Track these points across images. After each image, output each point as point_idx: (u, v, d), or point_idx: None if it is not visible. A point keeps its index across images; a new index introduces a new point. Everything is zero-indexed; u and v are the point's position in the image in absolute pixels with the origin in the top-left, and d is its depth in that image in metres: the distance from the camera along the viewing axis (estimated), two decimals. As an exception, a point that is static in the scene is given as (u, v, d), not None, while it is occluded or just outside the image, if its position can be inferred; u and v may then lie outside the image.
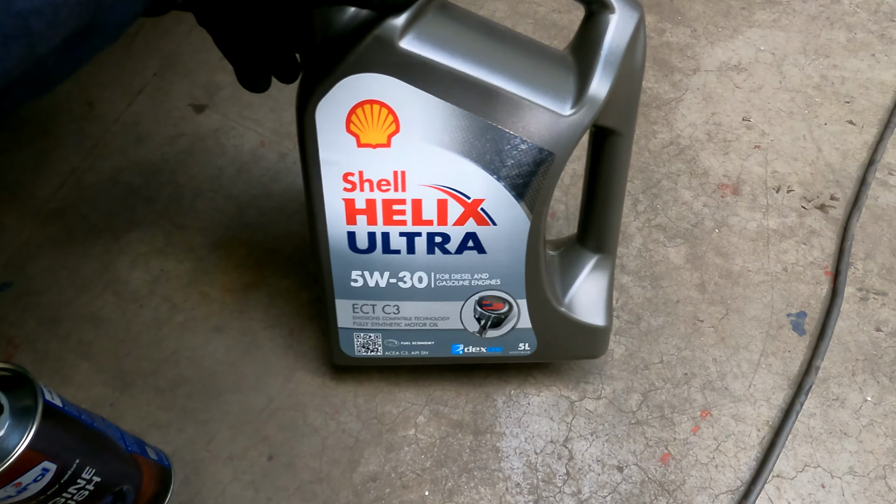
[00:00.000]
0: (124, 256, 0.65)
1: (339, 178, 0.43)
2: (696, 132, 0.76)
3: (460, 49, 0.39)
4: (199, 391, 0.57)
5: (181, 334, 0.60)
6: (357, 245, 0.46)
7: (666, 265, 0.65)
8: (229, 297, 0.62)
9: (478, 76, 0.39)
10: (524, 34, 0.44)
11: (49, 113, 0.75)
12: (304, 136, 0.41)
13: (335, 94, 0.39)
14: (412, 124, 0.41)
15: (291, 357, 0.59)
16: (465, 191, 0.43)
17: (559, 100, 0.41)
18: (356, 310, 0.50)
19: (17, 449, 0.34)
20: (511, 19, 0.86)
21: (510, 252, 0.46)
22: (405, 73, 0.39)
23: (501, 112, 0.40)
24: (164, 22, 0.84)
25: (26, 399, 0.36)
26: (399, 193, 0.43)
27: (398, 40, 0.37)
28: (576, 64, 0.42)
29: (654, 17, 0.87)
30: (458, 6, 0.42)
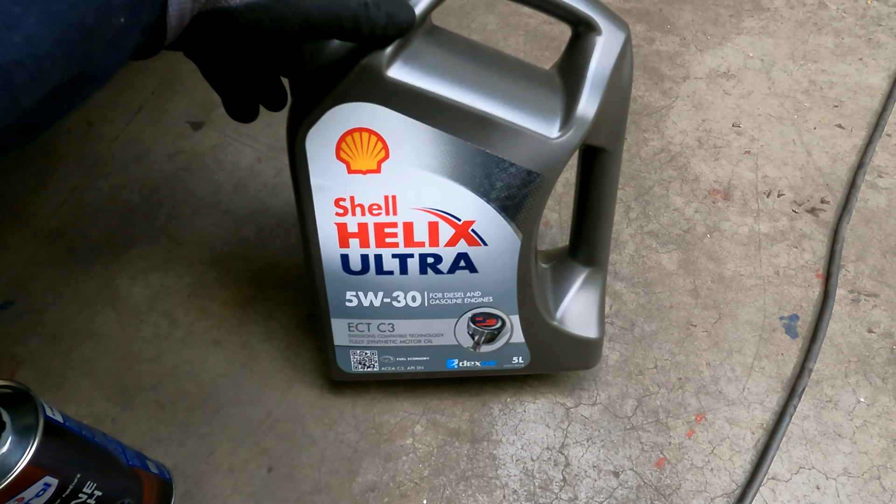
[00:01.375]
0: (124, 273, 0.66)
1: (331, 203, 0.44)
2: (687, 139, 0.77)
3: (448, 76, 0.39)
4: (199, 405, 0.58)
5: (181, 349, 0.61)
6: (350, 267, 0.47)
7: (659, 271, 0.66)
8: (228, 312, 0.63)
9: (465, 103, 0.40)
10: (511, 55, 0.45)
11: (49, 133, 0.76)
12: (296, 162, 0.42)
13: (325, 123, 0.40)
14: (402, 150, 0.41)
15: (290, 369, 0.60)
16: (455, 213, 0.44)
17: (547, 123, 0.41)
18: (352, 328, 0.51)
19: (19, 465, 0.35)
20: (503, 31, 0.88)
21: (502, 270, 0.47)
22: (393, 102, 0.39)
23: (490, 137, 0.41)
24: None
25: (28, 416, 0.37)
26: (390, 217, 0.44)
27: (385, 70, 0.38)
28: (563, 84, 0.43)
29: (643, 26, 0.89)
30: (445, 30, 0.43)
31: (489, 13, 0.90)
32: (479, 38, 0.86)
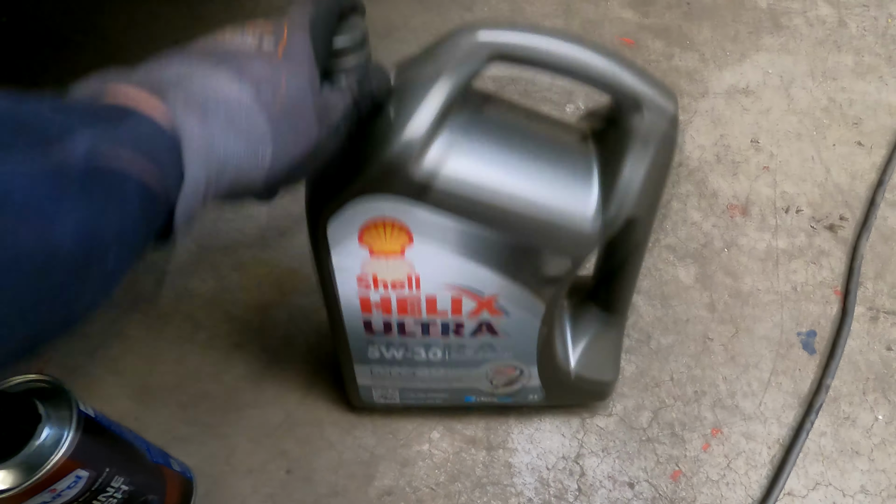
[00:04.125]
0: (150, 276, 0.67)
1: (353, 280, 0.43)
2: (705, 154, 0.77)
3: (477, 173, 0.37)
4: (220, 406, 0.59)
5: (204, 351, 0.62)
6: (373, 329, 0.47)
7: (676, 285, 0.66)
8: (250, 316, 0.65)
9: (494, 200, 0.38)
10: (545, 117, 0.42)
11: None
12: (317, 244, 0.41)
13: (347, 213, 0.38)
14: (426, 237, 0.39)
15: (309, 374, 0.61)
16: (479, 288, 0.43)
17: (580, 215, 0.39)
18: (374, 372, 0.51)
19: (54, 457, 0.36)
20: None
21: (523, 334, 0.47)
22: (419, 197, 0.37)
23: (520, 230, 0.39)
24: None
25: (63, 409, 0.38)
26: (413, 292, 0.43)
27: (412, 170, 0.36)
28: (600, 164, 0.40)
29: (662, 42, 0.90)
30: (474, 105, 0.39)
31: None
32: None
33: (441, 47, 0.36)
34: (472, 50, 0.35)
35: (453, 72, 0.35)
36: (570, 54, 0.36)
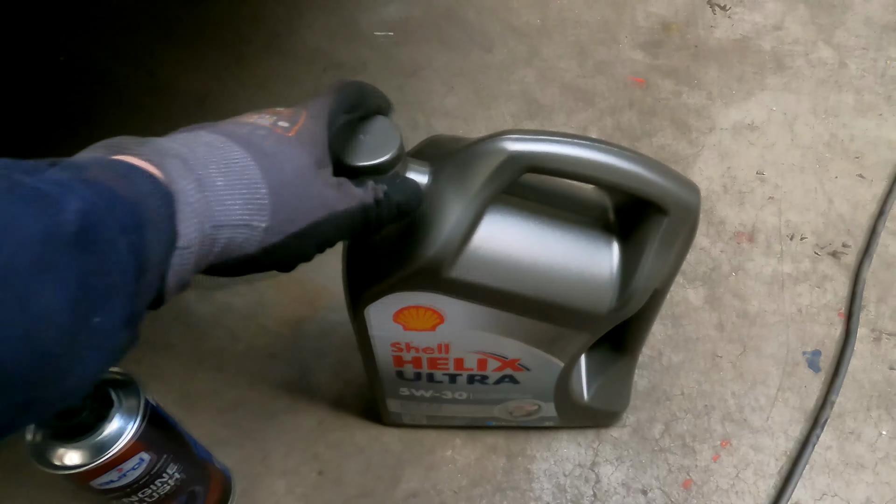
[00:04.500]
0: (191, 292, 0.72)
1: (388, 345, 0.47)
2: (713, 185, 0.82)
3: (505, 268, 0.40)
4: (256, 412, 0.63)
5: (241, 361, 0.67)
6: (405, 377, 0.51)
7: (685, 306, 0.70)
8: (284, 329, 0.69)
9: (521, 292, 0.41)
10: (571, 199, 0.44)
11: (130, 165, 0.85)
12: (356, 320, 0.45)
13: (383, 301, 0.42)
14: (457, 319, 0.43)
15: (340, 383, 0.65)
16: (503, 354, 0.47)
17: (600, 299, 0.42)
18: (403, 404, 0.56)
19: (123, 439, 0.40)
20: (539, 84, 0.95)
21: (542, 382, 0.51)
22: (450, 292, 0.41)
23: (543, 314, 0.43)
24: (232, 85, 0.95)
25: (132, 399, 0.42)
26: (442, 355, 0.47)
27: (444, 271, 0.39)
28: (621, 248, 0.42)
29: (671, 81, 0.95)
30: (504, 205, 0.41)
31: (527, 67, 0.98)
32: (518, 91, 0.94)
33: (474, 160, 0.38)
34: (504, 165, 0.37)
35: (485, 187, 0.37)
36: (599, 163, 0.38)
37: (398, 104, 0.96)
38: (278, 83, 0.95)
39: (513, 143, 0.37)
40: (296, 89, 0.94)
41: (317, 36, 1.03)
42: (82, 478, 0.40)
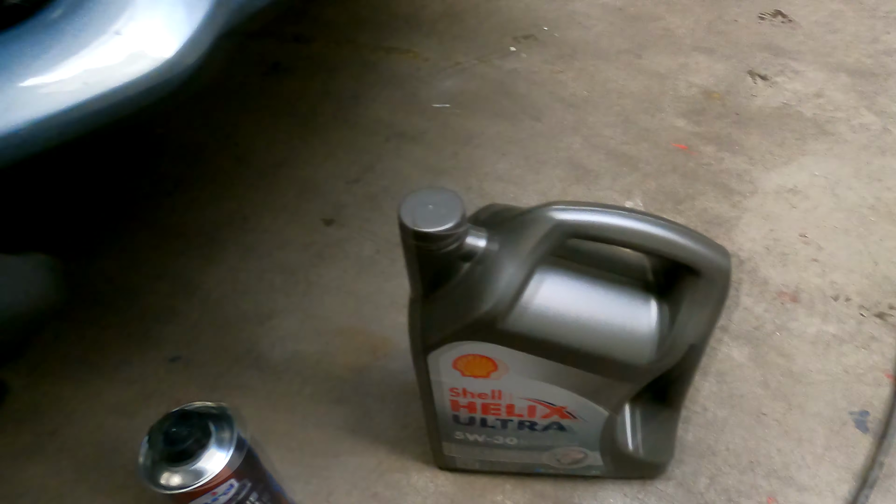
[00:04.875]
0: (266, 339, 0.80)
1: (447, 390, 0.52)
2: (756, 246, 0.85)
3: (554, 321, 0.45)
4: (322, 451, 0.68)
5: (309, 403, 0.73)
6: (460, 420, 0.56)
7: (729, 363, 0.72)
8: (349, 375, 0.75)
9: (569, 343, 0.45)
10: (616, 263, 0.49)
11: (214, 225, 0.95)
12: (420, 365, 0.51)
13: (446, 350, 0.47)
14: (510, 368, 0.48)
15: (399, 428, 0.70)
16: (552, 401, 0.52)
17: (641, 351, 0.46)
18: (458, 448, 0.60)
19: (218, 466, 0.47)
20: (586, 150, 1.01)
21: (589, 430, 0.55)
22: (504, 342, 0.45)
23: (591, 365, 0.47)
24: (304, 153, 1.05)
25: (226, 430, 0.49)
26: (495, 400, 0.52)
27: (499, 324, 0.44)
28: (660, 306, 0.47)
29: (713, 147, 1.00)
30: (552, 265, 0.46)
31: (574, 135, 1.04)
32: (566, 157, 1.00)
33: (525, 227, 0.44)
34: (551, 231, 0.43)
35: (535, 250, 0.43)
36: (636, 231, 0.43)
37: (454, 170, 1.05)
38: (345, 151, 1.05)
39: (559, 213, 0.44)
40: (361, 156, 1.04)
41: (380, 108, 1.13)
42: (183, 499, 0.46)
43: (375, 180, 0.99)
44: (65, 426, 0.73)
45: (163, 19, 0.34)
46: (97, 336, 0.81)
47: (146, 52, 0.34)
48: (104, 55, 0.33)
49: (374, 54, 1.27)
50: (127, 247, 0.92)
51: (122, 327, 0.82)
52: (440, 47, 1.27)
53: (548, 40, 1.27)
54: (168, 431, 0.46)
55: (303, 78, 1.22)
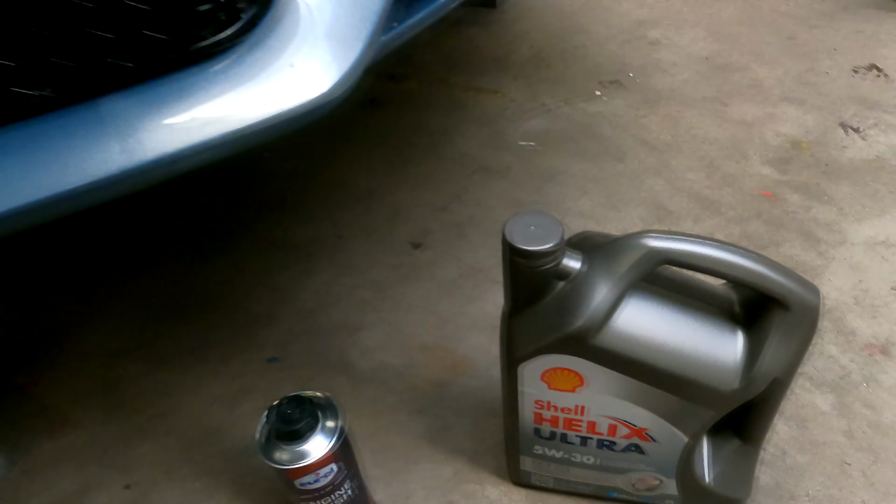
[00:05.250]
0: (355, 349, 0.86)
1: (532, 402, 0.55)
2: (843, 296, 0.84)
3: (642, 341, 0.47)
4: (402, 456, 0.72)
5: (392, 411, 0.77)
6: (541, 434, 0.59)
7: (812, 409, 0.71)
8: (429, 389, 0.79)
9: (656, 364, 0.48)
10: (700, 295, 0.51)
11: (312, 242, 1.03)
12: (509, 376, 0.53)
13: (535, 362, 0.51)
14: (595, 384, 0.51)
15: (475, 441, 0.73)
16: (633, 422, 0.54)
17: (726, 378, 0.48)
18: (535, 462, 0.63)
19: (325, 449, 0.52)
20: (668, 192, 1.04)
21: (666, 456, 0.57)
22: (593, 358, 0.48)
23: (675, 387, 0.49)
24: (396, 181, 1.13)
25: (332, 418, 0.54)
26: (578, 416, 0.55)
27: (590, 339, 0.47)
28: (745, 336, 0.49)
29: (800, 196, 1.00)
30: (642, 289, 0.49)
31: (657, 178, 1.07)
32: (648, 198, 1.03)
33: (621, 251, 0.47)
34: (645, 257, 0.46)
35: (628, 273, 0.47)
36: (727, 261, 0.46)
37: (536, 204, 1.10)
38: (434, 181, 1.12)
39: (653, 240, 0.47)
40: (449, 186, 1.10)
41: (468, 143, 1.20)
42: (292, 474, 0.52)
43: (461, 210, 1.05)
44: (173, 411, 0.81)
45: (326, 56, 0.41)
46: (206, 333, 0.90)
47: (310, 84, 0.40)
48: (280, 83, 0.40)
49: (464, 93, 1.35)
50: (235, 255, 1.02)
51: (227, 327, 0.90)
52: (527, 89, 1.34)
53: (633, 86, 1.31)
54: (284, 412, 0.51)
55: (397, 112, 1.31)
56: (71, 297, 0.98)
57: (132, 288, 0.99)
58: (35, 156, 0.35)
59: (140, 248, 1.07)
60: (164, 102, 0.37)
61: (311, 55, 0.41)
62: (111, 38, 0.36)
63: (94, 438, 0.79)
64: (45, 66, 0.35)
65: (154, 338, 0.90)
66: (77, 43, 0.35)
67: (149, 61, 0.37)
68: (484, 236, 1.00)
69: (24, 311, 0.97)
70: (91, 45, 0.35)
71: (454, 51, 1.51)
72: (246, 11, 0.40)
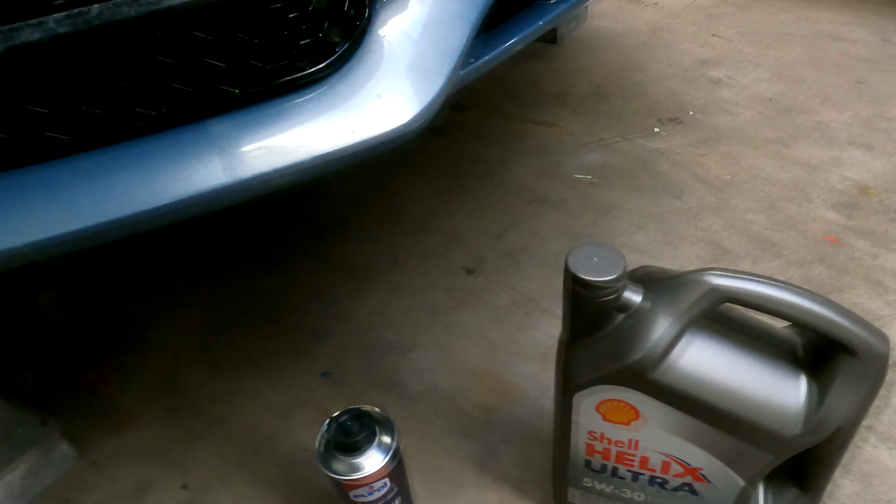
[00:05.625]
0: (406, 368, 0.88)
1: (585, 432, 0.55)
2: (912, 348, 0.80)
3: (702, 379, 0.47)
4: (447, 479, 0.73)
5: (440, 433, 0.78)
6: (592, 466, 0.59)
7: (876, 464, 0.69)
8: (477, 413, 0.80)
9: (715, 403, 0.47)
10: (762, 336, 0.50)
11: (368, 262, 1.06)
12: (564, 404, 0.54)
13: (591, 392, 0.51)
14: (651, 418, 0.50)
15: (522, 469, 0.73)
16: (687, 460, 0.53)
17: (788, 423, 0.47)
18: (582, 496, 0.63)
19: (379, 464, 0.53)
20: (726, 232, 1.03)
21: (721, 500, 0.55)
22: (650, 392, 0.48)
23: (734, 427, 0.48)
24: (452, 207, 1.16)
25: (387, 434, 0.55)
26: (631, 450, 0.55)
27: (647, 375, 0.47)
28: (809, 381, 0.48)
29: (867, 242, 0.97)
30: (703, 325, 0.48)
31: (715, 216, 1.06)
32: (705, 236, 1.02)
33: (683, 288, 0.47)
34: (707, 294, 0.46)
35: (690, 309, 0.47)
36: (793, 303, 0.45)
37: (591, 236, 1.10)
38: (489, 209, 1.14)
39: (716, 278, 0.47)
40: (504, 215, 1.12)
41: (525, 174, 1.22)
42: (347, 486, 0.53)
43: (516, 239, 1.07)
44: (231, 417, 0.84)
45: (410, 88, 0.44)
46: (264, 344, 0.93)
47: (395, 114, 0.43)
48: (367, 112, 0.43)
49: (522, 125, 1.38)
50: (294, 271, 1.06)
51: (283, 339, 0.94)
52: (585, 123, 1.35)
53: (693, 124, 1.31)
54: (344, 424, 0.53)
55: (456, 141, 1.35)
56: (142, 300, 1.04)
57: (197, 296, 1.04)
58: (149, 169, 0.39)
59: (206, 258, 1.12)
60: (263, 126, 0.41)
61: (397, 87, 0.44)
62: (223, 67, 0.40)
63: (156, 437, 0.83)
64: (164, 90, 0.39)
65: (215, 345, 0.95)
66: (194, 70, 0.39)
67: (253, 88, 0.41)
68: (537, 267, 1.01)
69: (101, 311, 1.04)
70: (205, 72, 0.39)
71: (514, 84, 1.54)
72: (339, 46, 0.43)
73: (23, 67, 0.35)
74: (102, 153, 0.40)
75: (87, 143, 0.39)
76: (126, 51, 0.38)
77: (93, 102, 0.39)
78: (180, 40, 0.38)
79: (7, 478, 0.74)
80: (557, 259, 1.01)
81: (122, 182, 0.39)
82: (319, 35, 0.42)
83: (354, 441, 0.53)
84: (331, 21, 0.42)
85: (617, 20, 1.78)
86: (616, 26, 1.74)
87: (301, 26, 0.42)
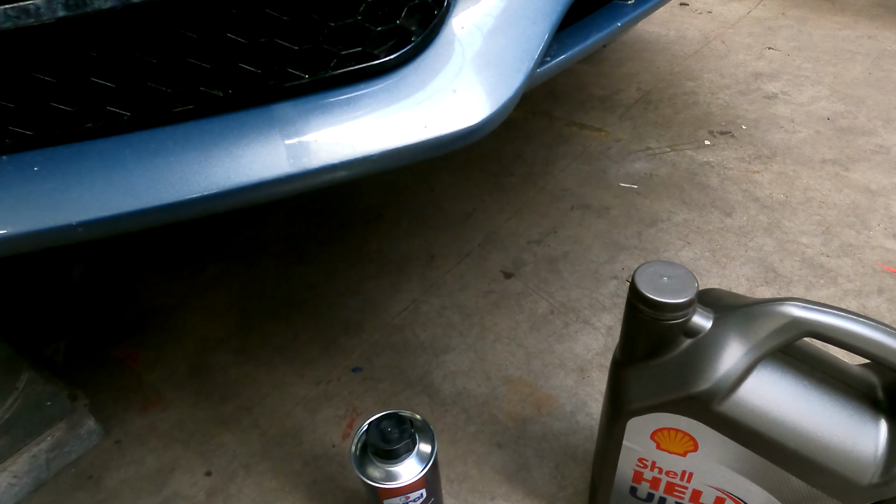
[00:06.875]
0: (438, 371, 0.85)
1: (634, 458, 0.52)
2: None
3: (769, 416, 0.44)
4: (478, 489, 0.71)
5: (471, 441, 0.76)
6: (637, 494, 0.55)
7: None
8: (510, 423, 0.78)
9: (782, 441, 0.44)
10: (837, 376, 0.47)
11: (404, 258, 1.04)
12: (615, 428, 0.50)
13: (646, 417, 0.48)
14: (709, 451, 0.47)
15: (556, 487, 0.70)
16: (744, 499, 0.50)
17: (864, 470, 0.44)
18: None
19: (417, 474, 0.51)
20: (779, 254, 0.98)
21: None
22: (713, 424, 0.45)
23: (802, 470, 0.45)
24: (492, 208, 1.13)
25: (426, 443, 0.53)
26: (683, 482, 0.51)
27: (712, 405, 0.44)
28: (889, 429, 0.44)
29: (929, 276, 0.92)
30: (779, 366, 0.46)
31: (767, 237, 1.02)
32: (755, 257, 0.98)
33: (758, 317, 0.44)
34: (786, 327, 0.43)
35: (765, 342, 0.44)
36: (882, 343, 0.42)
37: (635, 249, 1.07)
38: (530, 212, 1.11)
39: (797, 310, 0.44)
40: (545, 219, 1.09)
41: (568, 178, 1.19)
42: (383, 493, 0.51)
43: (556, 244, 1.04)
44: (258, 406, 0.83)
45: (488, 85, 0.41)
46: (294, 334, 0.92)
47: (470, 110, 0.41)
48: (441, 107, 0.40)
49: (568, 128, 1.34)
50: (329, 261, 1.04)
51: (315, 331, 0.92)
52: (633, 131, 1.31)
53: (745, 139, 1.26)
54: (385, 430, 0.51)
55: (499, 140, 1.32)
56: (175, 279, 1.04)
57: (230, 280, 1.03)
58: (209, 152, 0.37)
59: (241, 242, 1.11)
60: (332, 114, 0.39)
61: (474, 83, 0.41)
62: (294, 50, 0.37)
63: (182, 421, 0.82)
64: (231, 70, 0.37)
65: (245, 331, 0.93)
66: (265, 51, 0.36)
67: (324, 73, 0.38)
68: (578, 276, 0.98)
69: (132, 288, 1.03)
70: (276, 54, 0.37)
71: (560, 85, 1.51)
72: (416, 35, 0.41)
73: (93, 36, 0.34)
74: (163, 132, 0.38)
75: (149, 121, 0.38)
76: (197, 25, 0.36)
77: (158, 78, 0.37)
78: (254, 18, 0.36)
79: (34, 450, 0.73)
80: (599, 269, 0.98)
81: (181, 164, 0.37)
82: (397, 22, 0.40)
83: (394, 449, 0.51)
84: (409, 8, 0.40)
85: (668, 27, 1.73)
86: (667, 33, 1.70)
87: (378, 12, 0.39)
